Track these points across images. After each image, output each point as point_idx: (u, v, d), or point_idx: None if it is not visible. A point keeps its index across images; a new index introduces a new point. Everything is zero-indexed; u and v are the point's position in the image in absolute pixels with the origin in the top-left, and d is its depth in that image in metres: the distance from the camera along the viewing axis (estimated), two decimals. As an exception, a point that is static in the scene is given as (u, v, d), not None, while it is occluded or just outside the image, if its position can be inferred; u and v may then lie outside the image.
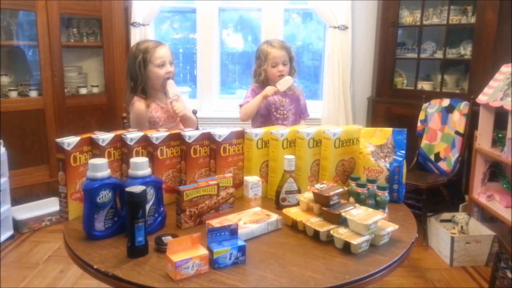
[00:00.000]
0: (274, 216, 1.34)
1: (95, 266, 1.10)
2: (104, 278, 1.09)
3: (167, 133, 1.50)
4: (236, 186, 1.52)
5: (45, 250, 2.77)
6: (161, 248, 1.16)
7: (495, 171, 2.81)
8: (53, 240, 2.90)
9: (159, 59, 2.04)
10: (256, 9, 3.93)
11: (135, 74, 2.06)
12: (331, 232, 1.21)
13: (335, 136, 1.55)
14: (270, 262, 1.13)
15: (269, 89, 2.30)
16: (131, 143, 1.45)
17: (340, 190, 1.33)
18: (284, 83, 2.30)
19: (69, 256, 1.22)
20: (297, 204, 1.44)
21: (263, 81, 2.42)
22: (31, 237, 2.97)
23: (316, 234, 1.26)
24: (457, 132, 2.97)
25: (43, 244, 2.85)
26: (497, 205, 2.69)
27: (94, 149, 1.41)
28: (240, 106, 2.45)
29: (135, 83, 2.08)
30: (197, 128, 2.61)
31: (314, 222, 1.27)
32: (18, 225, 3.01)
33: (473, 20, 3.13)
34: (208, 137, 1.54)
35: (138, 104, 2.08)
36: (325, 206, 1.29)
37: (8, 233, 2.91)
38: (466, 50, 3.25)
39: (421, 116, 3.18)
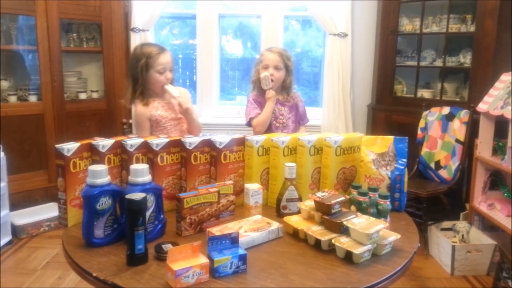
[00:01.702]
0: (275, 224, 1.33)
1: (94, 274, 1.08)
2: (103, 286, 1.07)
3: (167, 140, 1.49)
4: (237, 193, 1.51)
5: (43, 256, 2.75)
6: (161, 256, 1.15)
7: (496, 180, 2.81)
8: (51, 246, 2.88)
9: (161, 65, 2.11)
10: (256, 16, 3.94)
11: (136, 76, 2.13)
12: (333, 241, 1.20)
13: (336, 144, 1.55)
14: (271, 271, 1.11)
15: (269, 94, 2.29)
16: (131, 150, 1.44)
17: (342, 198, 1.32)
18: (264, 82, 2.27)
19: (68, 263, 1.21)
20: (298, 212, 1.42)
21: (258, 84, 2.41)
22: (29, 242, 2.95)
23: (317, 243, 1.25)
24: (457, 140, 2.97)
25: (41, 250, 2.83)
26: (498, 214, 2.68)
27: (94, 155, 1.40)
28: (250, 119, 2.39)
29: (135, 84, 2.14)
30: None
31: (315, 230, 1.26)
32: (16, 231, 2.98)
33: (472, 28, 3.14)
34: (209, 144, 1.53)
35: (137, 107, 2.16)
36: (327, 215, 1.28)
37: (6, 238, 2.89)
38: (465, 59, 3.25)
39: (421, 124, 3.18)
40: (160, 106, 2.18)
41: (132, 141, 1.45)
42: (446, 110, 3.09)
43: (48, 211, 3.14)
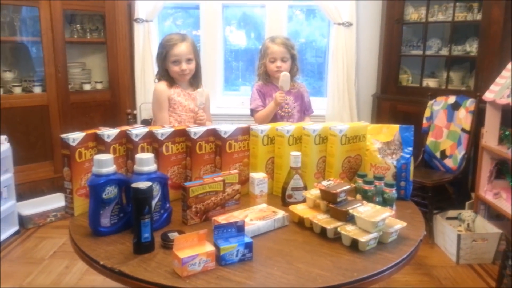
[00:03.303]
0: (281, 213, 1.33)
1: (101, 262, 1.09)
2: (110, 274, 1.08)
3: (172, 129, 1.49)
4: (242, 182, 1.51)
5: (50, 246, 2.77)
6: (167, 244, 1.15)
7: (502, 169, 2.79)
8: (58, 236, 2.90)
9: (174, 56, 2.13)
10: (260, 6, 3.91)
11: (158, 63, 2.22)
12: (339, 229, 1.20)
13: (341, 133, 1.54)
14: (277, 259, 1.12)
15: (277, 97, 2.27)
16: (137, 139, 1.44)
17: (348, 187, 1.32)
18: (284, 81, 2.25)
19: (75, 252, 1.22)
20: (304, 201, 1.43)
21: (264, 76, 2.41)
22: (36, 232, 2.97)
23: (323, 231, 1.25)
24: (463, 130, 2.95)
25: (48, 240, 2.85)
26: (504, 203, 2.67)
27: (99, 145, 1.41)
28: (252, 110, 2.42)
29: (158, 70, 2.23)
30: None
31: (321, 219, 1.26)
32: (23, 221, 3.01)
33: (479, 16, 3.10)
34: (214, 133, 1.53)
35: (158, 85, 2.19)
36: (332, 203, 1.28)
37: (13, 228, 2.91)
38: (471, 47, 3.22)
39: (427, 113, 3.16)
40: (182, 94, 2.19)
41: (137, 131, 1.45)
42: (452, 99, 3.07)
43: (55, 201, 3.16)
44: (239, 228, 1.13)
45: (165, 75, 2.19)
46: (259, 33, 4.08)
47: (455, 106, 3.04)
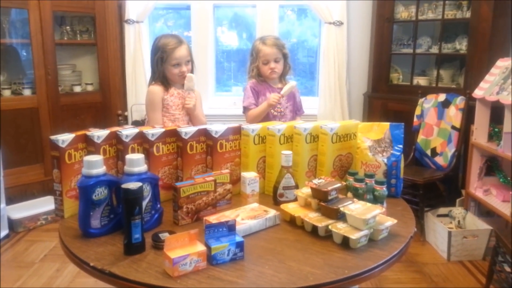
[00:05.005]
0: (272, 212, 1.33)
1: (91, 264, 1.09)
2: (100, 276, 1.07)
3: (163, 130, 1.48)
4: (233, 182, 1.51)
5: (41, 249, 2.75)
6: (158, 245, 1.15)
7: (492, 166, 2.81)
8: (48, 239, 2.88)
9: (175, 60, 2.14)
10: (251, 6, 3.91)
11: (153, 67, 2.20)
12: (330, 227, 1.20)
13: (332, 131, 1.55)
14: (268, 258, 1.12)
15: (273, 98, 2.28)
16: (127, 140, 1.43)
17: (338, 185, 1.32)
18: (288, 88, 2.29)
19: (65, 254, 1.21)
20: (295, 199, 1.43)
21: (257, 77, 2.41)
22: (26, 236, 2.95)
23: (314, 229, 1.25)
24: (453, 127, 2.98)
25: (38, 243, 2.83)
26: (494, 200, 2.70)
27: (89, 146, 1.40)
28: (244, 108, 2.43)
29: (154, 73, 2.21)
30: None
31: (312, 217, 1.27)
32: (13, 224, 2.98)
33: (468, 14, 3.13)
34: (205, 133, 1.53)
35: (152, 87, 2.19)
36: (323, 201, 1.29)
37: (3, 232, 2.88)
38: (461, 45, 3.25)
39: (417, 111, 3.18)
40: (176, 93, 2.20)
41: (128, 132, 1.44)
42: (442, 97, 3.09)
43: (45, 204, 3.14)
44: (231, 228, 1.13)
45: (162, 77, 2.17)
46: (251, 34, 4.08)
47: (445, 104, 3.06)
